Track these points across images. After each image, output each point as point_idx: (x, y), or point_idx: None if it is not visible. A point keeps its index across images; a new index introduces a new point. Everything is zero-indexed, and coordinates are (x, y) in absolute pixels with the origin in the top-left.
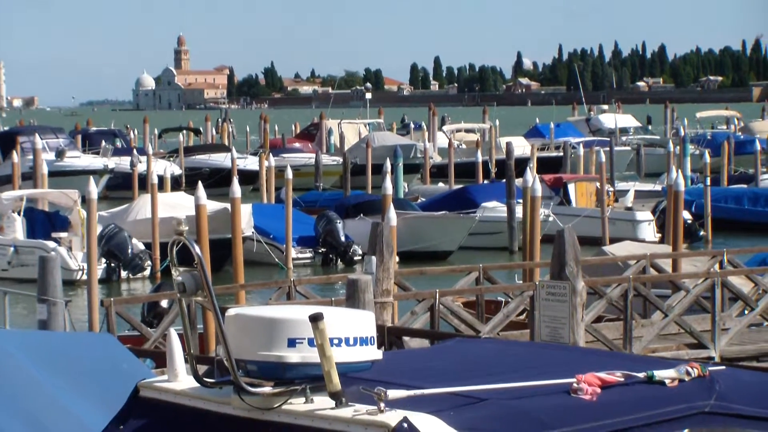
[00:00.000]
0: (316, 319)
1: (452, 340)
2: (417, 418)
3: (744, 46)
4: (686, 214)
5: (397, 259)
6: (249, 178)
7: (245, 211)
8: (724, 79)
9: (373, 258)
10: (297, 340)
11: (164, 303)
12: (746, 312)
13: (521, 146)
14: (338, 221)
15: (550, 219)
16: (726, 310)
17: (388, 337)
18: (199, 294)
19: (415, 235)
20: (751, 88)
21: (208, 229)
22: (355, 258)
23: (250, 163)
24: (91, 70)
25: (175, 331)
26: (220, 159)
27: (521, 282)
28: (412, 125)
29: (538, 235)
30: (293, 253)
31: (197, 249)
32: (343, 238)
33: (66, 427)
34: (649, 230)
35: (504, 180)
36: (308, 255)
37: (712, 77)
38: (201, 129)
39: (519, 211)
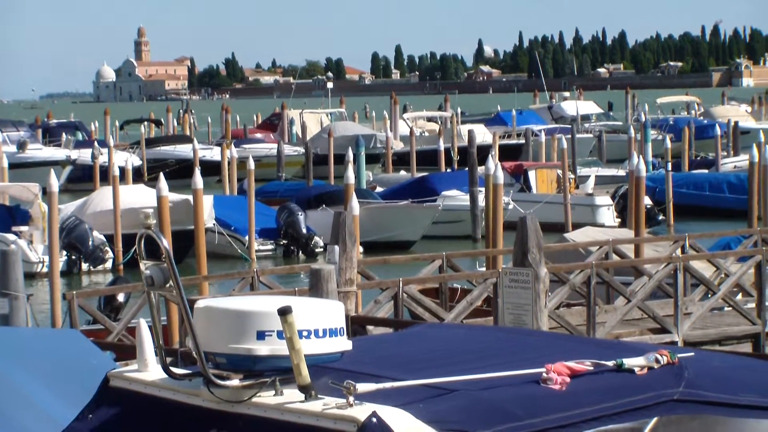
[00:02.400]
0: (284, 312)
1: (420, 325)
2: (386, 411)
3: (703, 32)
4: (645, 199)
5: (360, 249)
6: (215, 169)
7: (206, 202)
8: (684, 64)
9: (336, 247)
10: (266, 333)
11: (121, 297)
12: (708, 296)
13: (482, 134)
14: (300, 213)
15: (510, 206)
16: (688, 294)
17: (352, 327)
18: (167, 287)
19: (378, 225)
20: (711, 73)
21: (170, 220)
22: (317, 250)
23: (216, 153)
24: (50, 62)
25: (144, 321)
26: (187, 150)
27: (484, 269)
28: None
29: (501, 223)
30: (255, 244)
31: (165, 242)
32: (304, 230)
33: (35, 422)
34: (608, 215)
35: (465, 168)
36: (270, 247)
37: (672, 63)
38: (162, 120)
39: (480, 198)
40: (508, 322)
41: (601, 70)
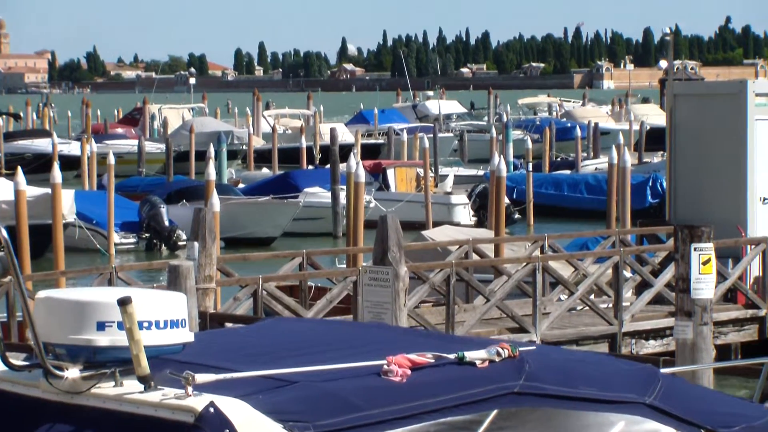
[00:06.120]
0: (124, 302)
1: (268, 319)
2: (224, 402)
3: (565, 34)
4: None
5: (222, 244)
6: (73, 164)
7: (68, 196)
8: (546, 66)
9: (196, 244)
10: (106, 324)
11: None
12: (565, 296)
13: (342, 132)
14: (162, 206)
15: (372, 205)
16: (547, 294)
17: (211, 324)
18: (8, 277)
19: (239, 221)
20: (573, 75)
21: (30, 214)
22: (180, 243)
23: (75, 148)
24: None
25: None
26: (44, 144)
27: (345, 267)
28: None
29: (362, 221)
30: (117, 238)
31: (4, 232)
32: (167, 223)
33: None
34: (464, 213)
35: (327, 166)
36: (132, 240)
37: (534, 64)
38: (21, 113)
39: (342, 196)
40: (367, 320)
41: (465, 70)
